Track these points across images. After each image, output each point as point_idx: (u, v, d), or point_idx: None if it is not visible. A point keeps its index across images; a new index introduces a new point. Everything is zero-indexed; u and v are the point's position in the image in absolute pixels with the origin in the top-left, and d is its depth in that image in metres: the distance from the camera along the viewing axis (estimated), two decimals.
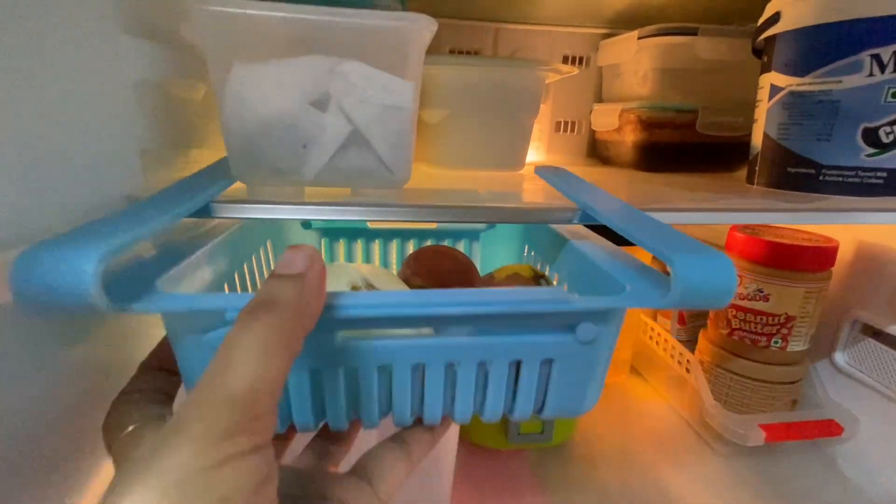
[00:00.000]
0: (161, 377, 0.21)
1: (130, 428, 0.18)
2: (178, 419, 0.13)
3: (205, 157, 0.37)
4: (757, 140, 0.44)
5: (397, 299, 0.19)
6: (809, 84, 0.39)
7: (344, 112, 0.26)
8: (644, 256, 0.33)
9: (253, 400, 0.13)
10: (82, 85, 0.23)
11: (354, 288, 0.27)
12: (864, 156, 0.37)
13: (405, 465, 0.21)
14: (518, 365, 0.22)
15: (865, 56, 0.36)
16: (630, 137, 0.58)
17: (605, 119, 0.63)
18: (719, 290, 0.19)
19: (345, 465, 0.23)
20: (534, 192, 0.36)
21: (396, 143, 0.27)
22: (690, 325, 0.66)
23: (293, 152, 0.26)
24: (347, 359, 0.20)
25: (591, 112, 0.68)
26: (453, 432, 0.41)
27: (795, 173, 0.40)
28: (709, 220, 0.30)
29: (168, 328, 0.19)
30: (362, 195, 0.28)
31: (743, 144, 0.48)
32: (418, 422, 0.23)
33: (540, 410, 0.23)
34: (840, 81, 0.37)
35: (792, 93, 0.40)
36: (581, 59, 0.67)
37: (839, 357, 0.54)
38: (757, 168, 0.44)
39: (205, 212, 0.24)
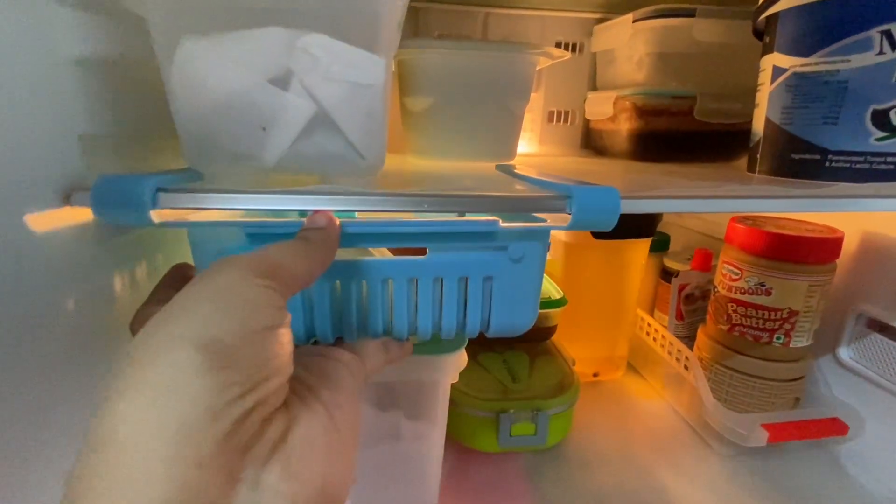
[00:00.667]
0: (173, 293, 0.26)
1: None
2: (224, 258, 0.18)
3: (171, 145, 0.34)
4: (758, 126, 0.42)
5: (374, 224, 0.25)
6: (815, 64, 0.36)
7: (307, 90, 0.23)
8: None
9: (278, 266, 0.19)
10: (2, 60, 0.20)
11: None
12: (874, 140, 0.35)
13: (384, 356, 0.27)
14: (466, 284, 0.27)
15: (875, 33, 0.34)
16: (625, 126, 0.56)
17: (600, 108, 0.61)
18: (607, 212, 0.25)
19: None
20: (522, 184, 0.33)
21: (367, 124, 0.25)
22: (688, 320, 0.64)
23: (251, 135, 0.24)
24: (335, 274, 0.25)
25: (584, 101, 0.66)
26: (439, 434, 0.39)
27: (800, 160, 0.38)
28: (708, 207, 0.28)
29: (194, 245, 0.25)
30: (332, 184, 0.26)
31: (743, 132, 0.46)
32: None
33: (486, 328, 0.28)
34: (848, 60, 0.35)
35: (796, 74, 0.38)
36: (574, 46, 0.65)
37: (843, 353, 0.52)
38: (758, 155, 0.42)
39: (154, 202, 0.22)
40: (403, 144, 0.52)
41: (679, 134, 0.53)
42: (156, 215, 0.22)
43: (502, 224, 0.26)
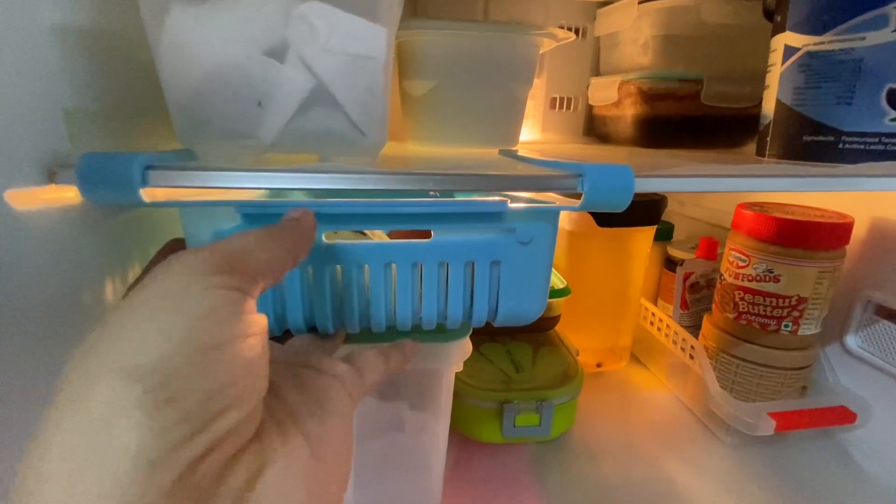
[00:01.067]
0: None
1: None
2: (174, 256, 0.16)
3: (162, 123, 0.33)
4: (769, 108, 0.41)
5: (376, 204, 0.24)
6: (829, 42, 0.35)
7: (305, 63, 0.22)
8: None
9: (240, 258, 0.17)
10: None
11: None
12: (889, 120, 0.34)
13: (384, 366, 0.24)
14: (472, 269, 0.26)
15: (891, 9, 0.33)
16: (630, 111, 0.55)
17: (604, 93, 0.59)
18: (621, 191, 0.24)
19: None
20: (529, 167, 0.32)
21: (367, 100, 0.24)
22: (693, 309, 0.63)
23: (246, 111, 0.22)
24: (333, 258, 0.24)
25: (587, 87, 0.64)
26: (443, 425, 0.38)
27: (812, 142, 0.37)
28: (724, 186, 0.27)
29: (187, 227, 0.24)
30: (332, 163, 0.25)
31: (752, 117, 0.45)
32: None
33: (494, 316, 0.27)
34: (863, 38, 0.34)
35: (809, 53, 0.37)
36: (578, 30, 0.63)
37: (851, 340, 0.52)
38: (769, 138, 0.41)
39: (144, 180, 0.21)
40: (403, 131, 0.51)
41: (686, 119, 0.52)
42: (146, 194, 0.21)
43: (511, 205, 0.25)
